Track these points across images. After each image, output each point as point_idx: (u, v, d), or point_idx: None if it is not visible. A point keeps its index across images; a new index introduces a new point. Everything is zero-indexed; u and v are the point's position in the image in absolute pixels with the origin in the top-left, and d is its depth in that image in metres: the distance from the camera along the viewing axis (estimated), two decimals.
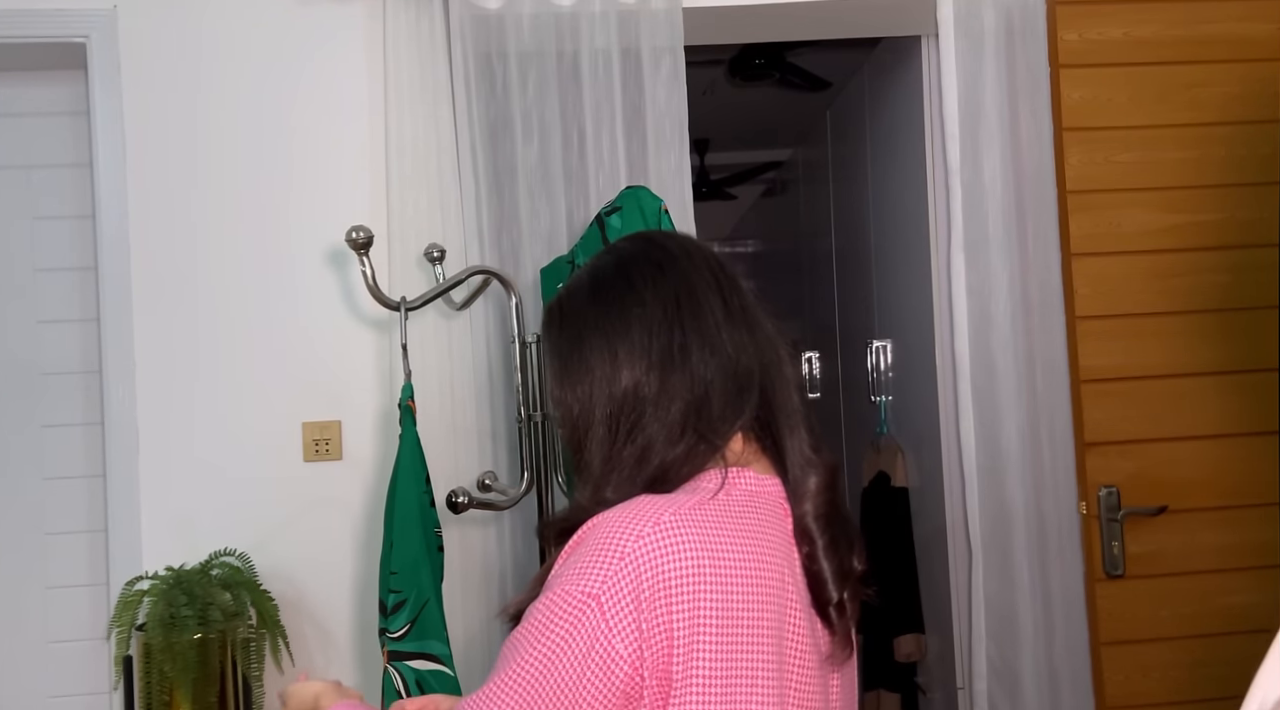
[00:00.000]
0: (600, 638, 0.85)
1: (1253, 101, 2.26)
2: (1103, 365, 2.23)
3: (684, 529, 0.89)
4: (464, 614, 2.04)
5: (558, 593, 0.87)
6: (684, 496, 0.93)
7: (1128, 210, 2.25)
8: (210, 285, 2.14)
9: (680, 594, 0.86)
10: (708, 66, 3.50)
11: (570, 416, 1.01)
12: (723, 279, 1.03)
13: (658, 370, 0.97)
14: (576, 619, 0.85)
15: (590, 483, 0.99)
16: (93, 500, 2.21)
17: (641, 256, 1.04)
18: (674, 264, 1.02)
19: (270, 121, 2.16)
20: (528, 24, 2.15)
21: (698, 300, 1.00)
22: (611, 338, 0.99)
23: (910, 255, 2.69)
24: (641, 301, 0.99)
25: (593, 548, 0.89)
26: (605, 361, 0.98)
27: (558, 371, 1.03)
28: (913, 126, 2.61)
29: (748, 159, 4.72)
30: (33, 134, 2.26)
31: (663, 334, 0.98)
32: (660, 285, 1.00)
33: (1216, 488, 2.22)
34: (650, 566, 0.86)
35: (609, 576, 0.86)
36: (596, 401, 0.98)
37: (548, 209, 2.16)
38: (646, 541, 0.87)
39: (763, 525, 0.94)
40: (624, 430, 0.97)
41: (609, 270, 1.04)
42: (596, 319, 1.01)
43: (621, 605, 0.85)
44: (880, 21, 2.45)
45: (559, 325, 1.04)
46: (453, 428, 2.09)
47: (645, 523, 0.89)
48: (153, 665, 1.85)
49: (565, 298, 1.05)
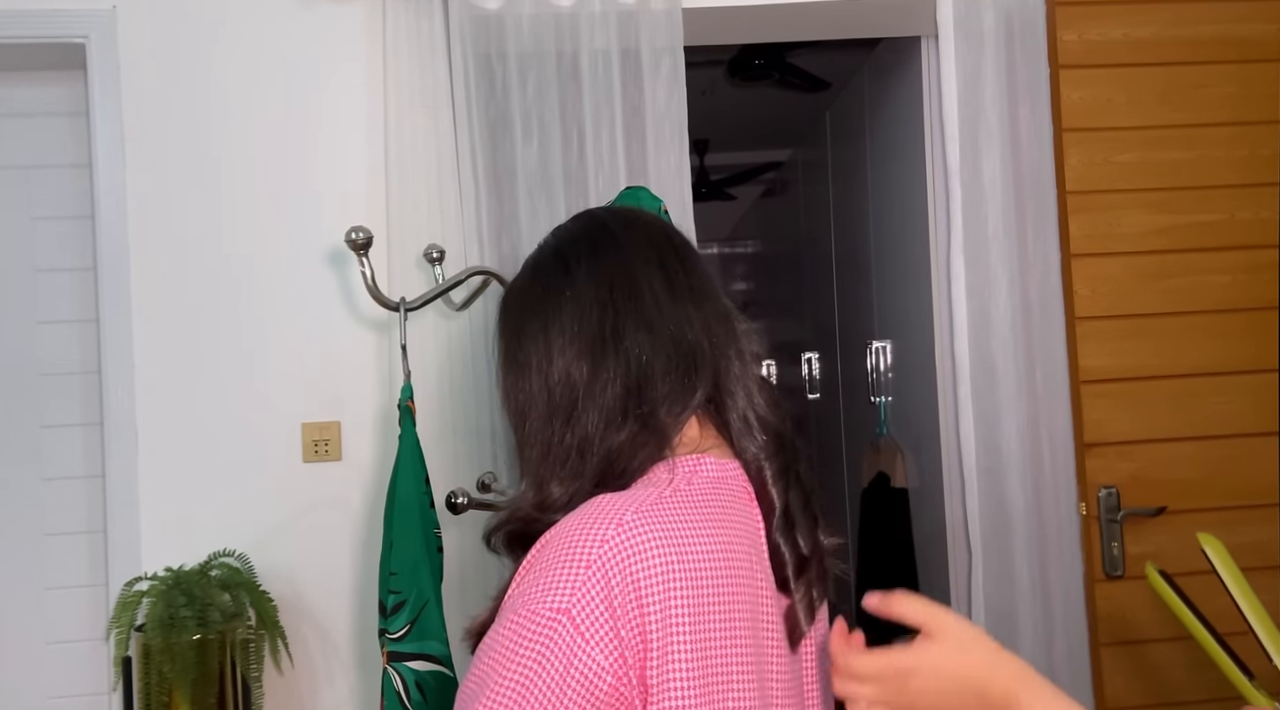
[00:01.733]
0: (578, 653, 0.79)
1: (1253, 102, 2.27)
2: (1103, 366, 2.23)
3: (648, 526, 0.84)
4: (463, 615, 2.04)
5: (524, 611, 0.81)
6: (642, 491, 0.88)
7: (1128, 211, 2.25)
8: (209, 286, 2.14)
9: (651, 595, 0.82)
10: (707, 67, 3.50)
11: (513, 408, 0.98)
12: (666, 253, 0.99)
13: (588, 355, 0.93)
14: (549, 637, 0.79)
15: (531, 477, 0.95)
16: (92, 501, 2.21)
17: (580, 236, 1.01)
18: (612, 241, 0.98)
19: (269, 122, 2.16)
20: (527, 24, 2.15)
21: (634, 277, 0.96)
22: (547, 324, 0.95)
23: (910, 256, 2.69)
24: (574, 283, 0.96)
25: (554, 558, 0.83)
26: (540, 349, 0.95)
27: (501, 361, 1.00)
28: (912, 127, 2.61)
29: (747, 159, 4.72)
30: (32, 134, 2.26)
31: (593, 316, 0.94)
32: (594, 265, 0.97)
33: (1216, 488, 2.22)
34: (619, 569, 0.81)
35: (577, 587, 0.80)
36: (535, 391, 0.95)
37: (547, 209, 2.15)
38: (612, 545, 0.82)
39: (727, 512, 0.91)
40: (560, 420, 0.93)
41: (548, 254, 1.01)
42: (533, 305, 0.98)
43: (595, 615, 0.80)
44: (880, 22, 2.45)
45: (502, 313, 1.02)
46: (452, 428, 2.09)
47: (607, 525, 0.83)
48: (152, 666, 1.84)
49: (511, 285, 1.03)
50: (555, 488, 0.92)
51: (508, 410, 1.00)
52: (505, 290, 1.04)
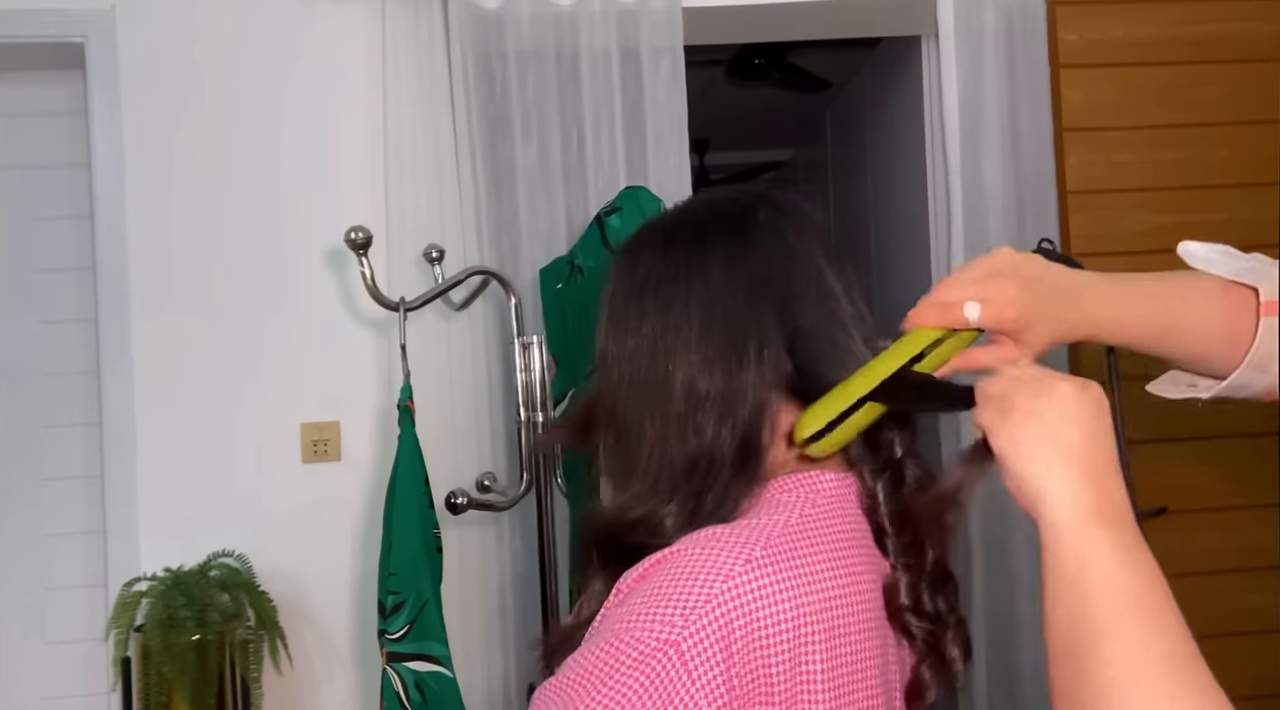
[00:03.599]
0: (680, 692, 0.70)
1: (1253, 101, 2.26)
2: (1102, 365, 2.22)
3: (778, 564, 0.75)
4: (463, 615, 2.04)
5: (626, 636, 0.73)
6: (765, 519, 0.79)
7: (1128, 210, 2.25)
8: (208, 286, 2.13)
9: (779, 641, 0.73)
10: (707, 66, 3.49)
11: (620, 379, 0.85)
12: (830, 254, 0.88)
13: (722, 365, 0.82)
14: (652, 669, 0.71)
15: (640, 478, 0.83)
16: (91, 501, 2.20)
17: (725, 220, 0.87)
18: (767, 233, 0.86)
19: (268, 121, 2.16)
20: (527, 24, 2.15)
21: (796, 276, 0.84)
22: (686, 304, 0.83)
23: (910, 255, 2.69)
24: (714, 274, 0.84)
25: (670, 584, 0.74)
26: (671, 330, 0.83)
27: (615, 322, 0.87)
28: (913, 127, 2.61)
29: (748, 159, 4.72)
30: (31, 134, 2.26)
31: (740, 317, 0.83)
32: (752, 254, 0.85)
33: (1216, 489, 2.22)
34: (743, 611, 0.72)
35: (692, 622, 0.72)
36: (654, 377, 0.83)
37: (547, 209, 2.15)
38: (737, 582, 0.73)
39: (854, 536, 0.83)
40: (676, 423, 0.82)
41: (687, 230, 0.88)
42: (669, 280, 0.85)
43: (707, 655, 0.71)
44: (880, 21, 2.45)
45: (627, 271, 0.88)
46: (452, 428, 2.08)
47: (736, 559, 0.74)
48: (151, 666, 1.84)
49: (640, 243, 0.90)
50: (674, 506, 0.81)
51: (608, 378, 0.86)
52: (627, 248, 0.90)
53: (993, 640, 2.21)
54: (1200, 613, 2.24)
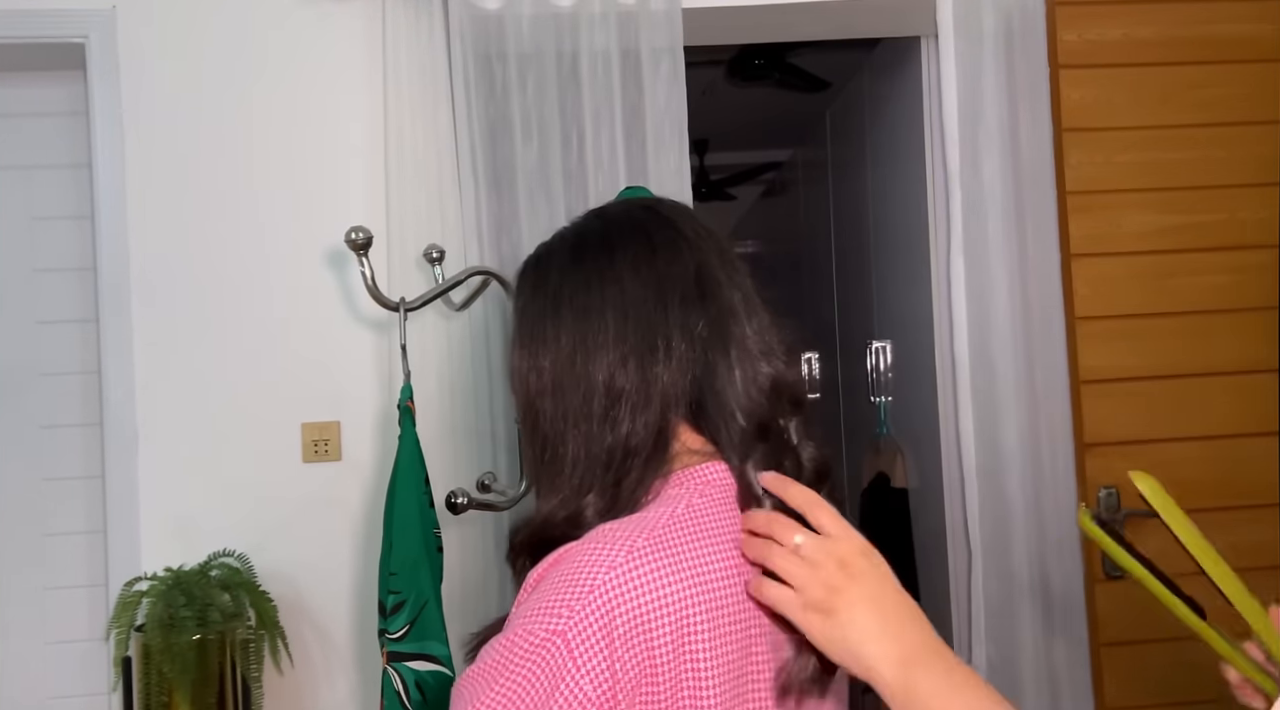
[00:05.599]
0: (566, 678, 0.76)
1: (1253, 102, 2.26)
2: (1103, 365, 2.23)
3: (661, 553, 0.80)
4: (463, 615, 2.04)
5: (519, 630, 0.79)
6: (654, 512, 0.84)
7: (1128, 211, 2.25)
8: (209, 286, 2.14)
9: (661, 626, 0.78)
10: (707, 67, 3.50)
11: (532, 390, 0.91)
12: (724, 257, 0.96)
13: (636, 357, 0.88)
14: (539, 658, 0.76)
15: (564, 479, 0.89)
16: (91, 501, 2.20)
17: (628, 228, 0.95)
18: (665, 238, 0.93)
19: (269, 122, 2.16)
20: (527, 25, 2.15)
21: (688, 282, 0.91)
22: (601, 312, 0.90)
23: (910, 256, 2.69)
24: (622, 278, 0.91)
25: (560, 580, 0.80)
26: (582, 338, 0.89)
27: (524, 339, 0.93)
28: (912, 127, 2.61)
29: (747, 159, 4.72)
30: (31, 134, 2.26)
31: (648, 316, 0.89)
32: (648, 260, 0.92)
33: (1216, 488, 2.22)
34: (624, 600, 0.78)
35: (576, 612, 0.77)
36: (568, 381, 0.89)
37: (547, 210, 2.15)
38: (619, 572, 0.78)
39: (739, 524, 0.87)
40: (598, 420, 0.88)
41: (593, 238, 0.94)
42: (578, 290, 0.91)
43: (590, 643, 0.76)
44: (880, 22, 2.45)
45: (534, 290, 0.94)
46: (452, 428, 2.09)
47: (618, 551, 0.80)
48: (151, 666, 1.84)
49: (542, 261, 0.96)
50: (592, 497, 0.87)
51: (526, 392, 0.92)
52: (533, 264, 0.96)
53: (992, 640, 2.21)
54: None
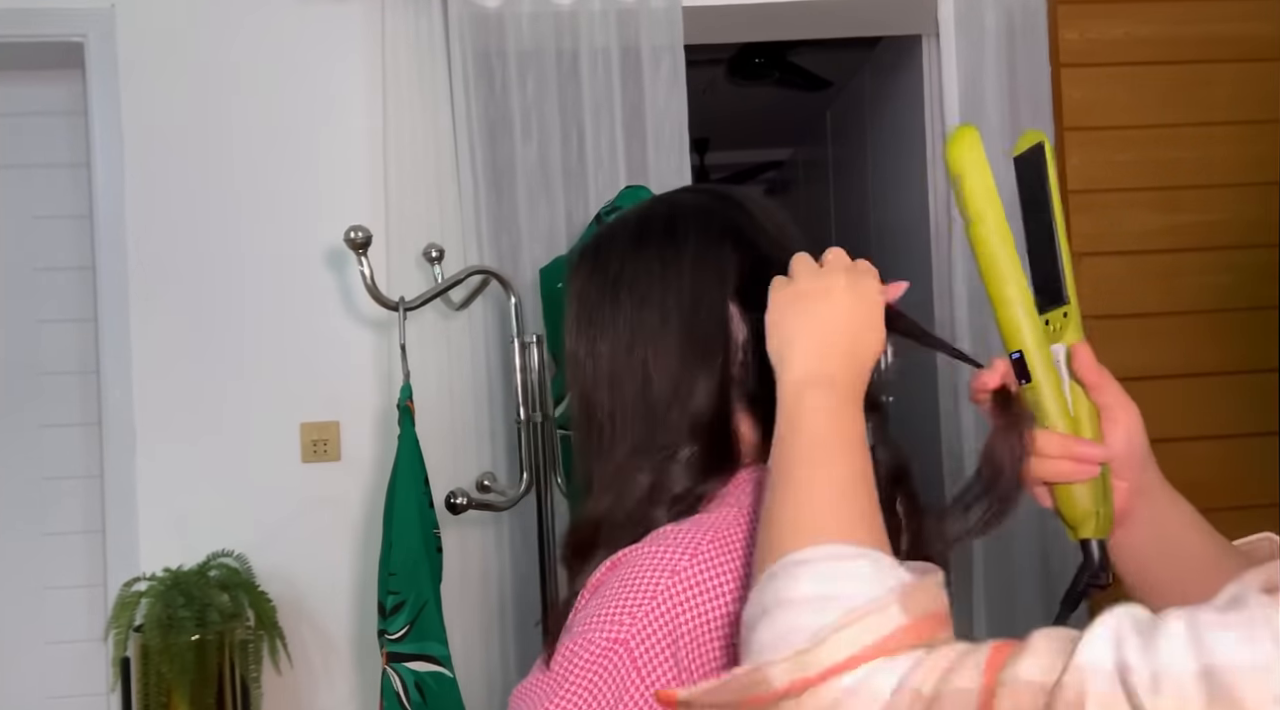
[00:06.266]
0: (629, 688, 0.73)
1: (1253, 101, 2.26)
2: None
3: (725, 556, 0.77)
4: (463, 615, 2.04)
5: (581, 639, 0.76)
6: (716, 514, 0.81)
7: (1128, 210, 2.24)
8: (208, 285, 2.13)
9: (728, 631, 0.75)
10: (707, 65, 3.49)
11: (595, 378, 0.86)
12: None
13: (697, 353, 0.84)
14: (605, 668, 0.74)
15: (611, 483, 0.85)
16: (90, 501, 2.20)
17: (697, 213, 0.90)
18: (733, 227, 0.89)
19: (268, 121, 2.16)
20: (527, 23, 2.14)
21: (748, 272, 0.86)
22: (661, 300, 0.85)
23: (910, 255, 2.69)
24: (686, 268, 0.86)
25: (622, 584, 0.77)
26: (644, 326, 0.85)
27: (585, 322, 0.88)
28: (914, 126, 2.61)
29: (747, 159, 4.71)
30: (30, 133, 2.25)
31: (707, 309, 0.85)
32: (712, 249, 0.87)
33: (1217, 488, 2.21)
34: (689, 606, 0.75)
35: (639, 620, 0.75)
36: (628, 371, 0.84)
37: (547, 209, 2.15)
38: (682, 577, 0.76)
39: None
40: (655, 415, 0.83)
41: (658, 222, 0.89)
42: (641, 274, 0.86)
43: (655, 651, 0.74)
44: (880, 21, 2.45)
45: (595, 271, 0.89)
46: (451, 428, 2.08)
47: (681, 553, 0.77)
48: (150, 666, 1.84)
49: (606, 242, 0.91)
50: (649, 495, 0.82)
51: (582, 381, 0.87)
52: (593, 247, 0.92)
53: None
54: None
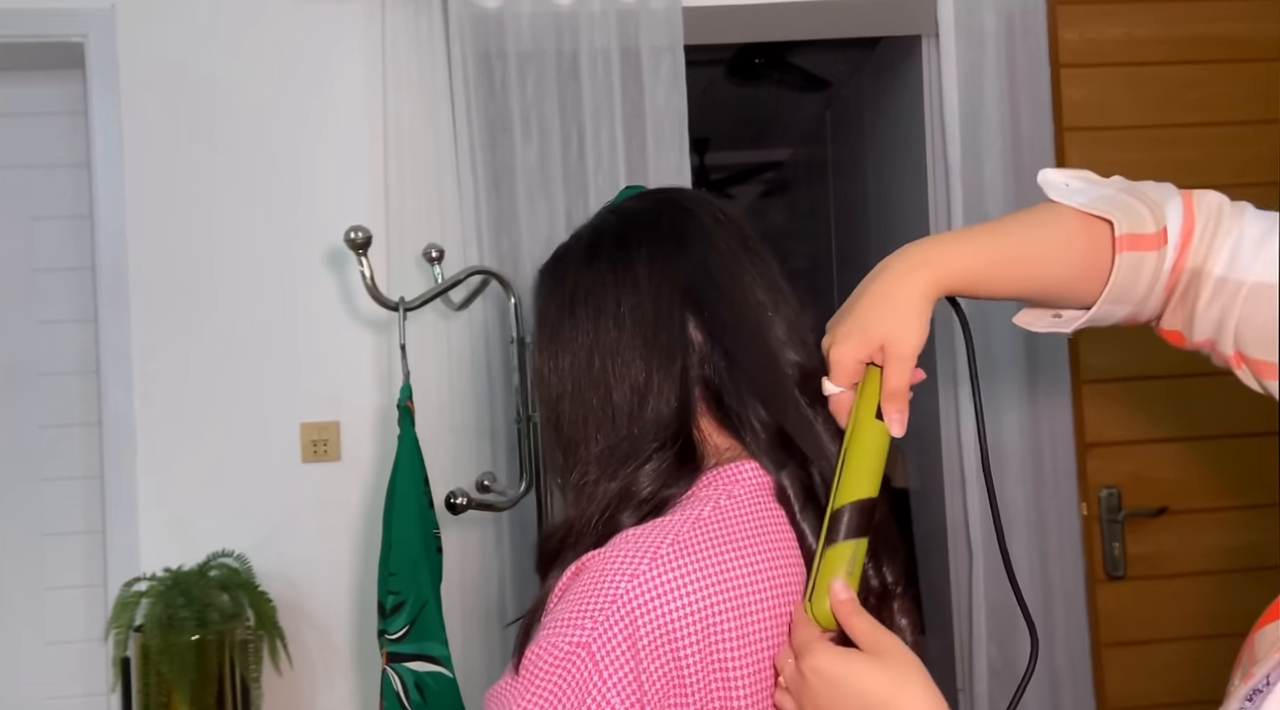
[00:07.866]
0: (591, 691, 0.74)
1: (1253, 101, 2.26)
2: (1103, 365, 2.22)
3: (686, 559, 0.78)
4: (463, 615, 2.04)
5: (545, 642, 0.77)
6: (679, 515, 0.81)
7: None
8: (208, 285, 2.13)
9: (688, 634, 0.76)
10: (707, 66, 3.49)
11: (556, 395, 0.89)
12: (749, 247, 0.92)
13: (654, 360, 0.86)
14: (565, 671, 0.75)
15: (582, 491, 0.87)
16: (90, 501, 2.20)
17: (647, 221, 0.93)
18: (693, 231, 0.91)
19: (268, 121, 2.16)
20: (527, 23, 2.15)
21: (712, 275, 0.89)
22: (617, 309, 0.87)
23: None
24: (639, 276, 0.89)
25: (585, 589, 0.78)
26: (602, 337, 0.87)
27: (547, 340, 0.91)
28: (913, 126, 2.61)
29: (747, 158, 4.72)
30: (30, 134, 2.25)
31: (667, 313, 0.87)
32: (668, 255, 0.89)
33: (1217, 488, 2.22)
34: (648, 609, 0.76)
35: (600, 623, 0.75)
36: (588, 382, 0.87)
37: (547, 209, 2.15)
38: (643, 580, 0.76)
39: (775, 523, 0.84)
40: (617, 424, 0.86)
41: (609, 235, 0.92)
42: (594, 287, 0.89)
43: (615, 654, 0.75)
44: (880, 21, 2.45)
45: (553, 289, 0.92)
46: (451, 428, 2.08)
47: (641, 558, 0.78)
48: (150, 666, 1.84)
49: (563, 260, 0.94)
50: (617, 501, 0.84)
51: (548, 395, 0.90)
52: (550, 265, 0.94)
53: (993, 641, 2.21)
54: (1200, 612, 2.24)
